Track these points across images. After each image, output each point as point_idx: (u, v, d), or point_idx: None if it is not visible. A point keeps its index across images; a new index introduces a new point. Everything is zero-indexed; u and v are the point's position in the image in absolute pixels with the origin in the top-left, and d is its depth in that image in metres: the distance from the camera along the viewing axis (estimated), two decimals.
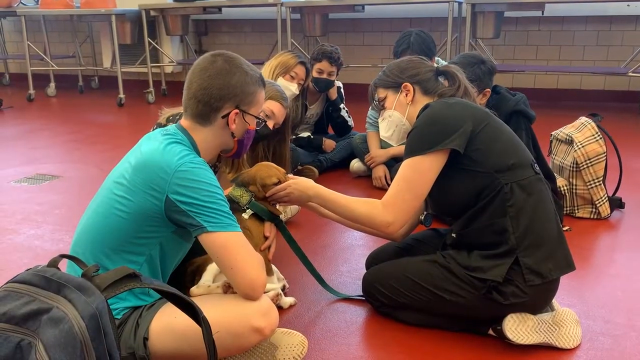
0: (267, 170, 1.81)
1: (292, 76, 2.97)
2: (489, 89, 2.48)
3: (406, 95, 1.78)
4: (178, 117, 2.04)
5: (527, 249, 1.58)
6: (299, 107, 3.19)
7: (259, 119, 1.59)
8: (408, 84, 1.78)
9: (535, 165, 1.67)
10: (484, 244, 1.62)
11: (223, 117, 1.49)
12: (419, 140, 1.64)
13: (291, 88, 2.94)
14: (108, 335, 0.98)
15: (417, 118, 1.72)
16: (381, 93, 1.84)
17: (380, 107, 1.85)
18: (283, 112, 2.28)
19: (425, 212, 1.85)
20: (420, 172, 1.62)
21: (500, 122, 1.70)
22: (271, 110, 2.24)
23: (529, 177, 1.62)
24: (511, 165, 1.60)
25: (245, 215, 1.78)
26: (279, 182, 1.79)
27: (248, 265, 1.37)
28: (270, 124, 2.25)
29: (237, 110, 1.50)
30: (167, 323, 1.36)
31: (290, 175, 1.84)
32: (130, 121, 5.13)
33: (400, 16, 5.69)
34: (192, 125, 1.50)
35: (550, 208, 1.64)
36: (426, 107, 1.70)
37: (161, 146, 1.41)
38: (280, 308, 1.81)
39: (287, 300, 1.87)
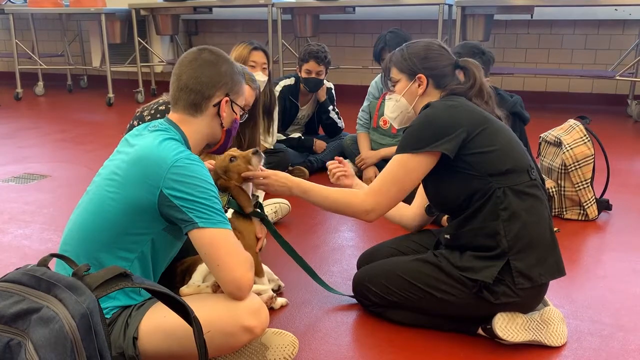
0: (220, 157, 1.78)
1: (252, 65, 2.85)
2: (488, 78, 2.52)
3: (419, 86, 1.77)
4: (155, 105, 2.05)
5: (518, 253, 1.59)
6: (267, 94, 3.02)
7: (243, 109, 1.62)
8: (423, 76, 1.75)
9: (533, 171, 1.67)
10: (477, 246, 1.64)
11: (214, 105, 1.51)
12: (411, 138, 1.66)
13: (257, 77, 2.83)
14: (99, 335, 0.98)
15: (418, 114, 1.73)
16: (395, 74, 1.81)
17: (391, 87, 1.83)
18: (252, 94, 2.27)
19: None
20: (407, 169, 1.65)
21: (501, 127, 1.69)
22: None
23: (524, 183, 1.62)
24: (506, 171, 1.61)
25: (228, 215, 1.76)
26: (235, 158, 1.75)
27: (234, 263, 1.36)
28: None
29: (227, 99, 1.53)
30: (157, 323, 1.36)
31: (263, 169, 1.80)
32: (120, 121, 5.10)
33: (391, 18, 5.71)
34: (183, 117, 1.51)
35: (544, 213, 1.65)
36: (427, 106, 1.71)
37: (156, 141, 1.41)
38: (271, 309, 1.81)
39: (279, 301, 1.87)
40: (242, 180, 1.76)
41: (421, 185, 1.82)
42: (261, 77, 2.84)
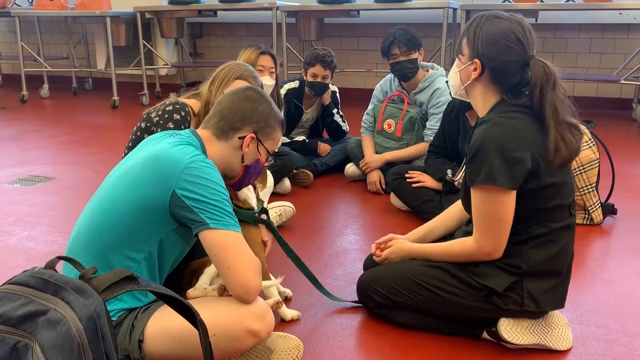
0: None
1: (260, 70, 2.83)
2: None
3: (474, 70, 1.59)
4: (162, 106, 2.06)
5: (533, 277, 1.59)
6: (274, 97, 3.04)
7: (270, 155, 1.64)
8: (479, 63, 1.57)
9: (573, 203, 1.62)
10: (494, 260, 1.61)
11: (240, 138, 1.55)
12: (493, 170, 1.49)
13: (265, 82, 2.77)
14: (106, 338, 0.98)
15: (475, 127, 1.59)
16: (464, 45, 1.62)
17: (459, 54, 1.66)
18: None
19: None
20: (501, 203, 1.53)
21: None
22: None
23: (563, 220, 1.58)
24: (552, 207, 1.56)
25: None
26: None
27: (244, 266, 1.37)
28: None
29: (253, 135, 1.56)
30: (163, 325, 1.36)
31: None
32: (124, 123, 5.11)
33: (395, 21, 5.72)
34: (209, 136, 1.56)
35: (570, 247, 1.63)
36: (484, 121, 1.55)
37: (173, 144, 1.45)
38: (282, 321, 1.81)
39: (290, 314, 1.82)
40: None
41: None
42: (269, 82, 2.83)
